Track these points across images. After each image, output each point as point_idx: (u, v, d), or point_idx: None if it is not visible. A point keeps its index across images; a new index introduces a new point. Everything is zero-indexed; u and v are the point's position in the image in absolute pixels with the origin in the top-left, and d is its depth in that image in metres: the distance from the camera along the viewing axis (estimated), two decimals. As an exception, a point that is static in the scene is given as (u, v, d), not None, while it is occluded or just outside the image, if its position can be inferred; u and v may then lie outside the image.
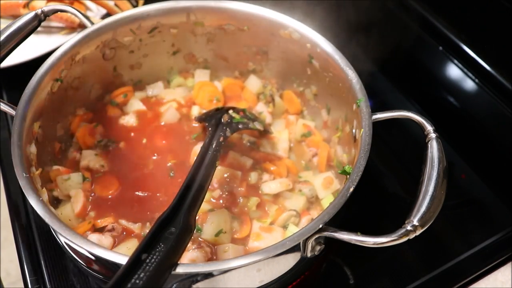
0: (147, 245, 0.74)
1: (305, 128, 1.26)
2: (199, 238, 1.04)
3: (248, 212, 1.10)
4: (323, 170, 1.19)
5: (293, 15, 1.19)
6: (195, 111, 1.29)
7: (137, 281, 0.68)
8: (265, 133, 1.23)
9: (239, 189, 1.12)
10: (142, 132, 1.24)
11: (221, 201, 1.11)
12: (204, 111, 1.28)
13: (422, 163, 0.91)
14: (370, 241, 0.81)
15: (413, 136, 1.34)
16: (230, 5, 1.21)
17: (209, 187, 1.10)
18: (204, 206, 1.08)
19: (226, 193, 1.11)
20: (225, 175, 1.13)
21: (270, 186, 1.13)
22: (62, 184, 1.11)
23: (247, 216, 1.09)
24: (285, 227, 1.08)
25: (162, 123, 1.26)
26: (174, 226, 0.80)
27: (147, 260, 0.71)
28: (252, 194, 1.13)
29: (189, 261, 0.98)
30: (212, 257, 1.01)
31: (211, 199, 1.11)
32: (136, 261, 0.71)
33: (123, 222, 1.06)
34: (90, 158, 1.17)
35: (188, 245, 0.99)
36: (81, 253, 0.89)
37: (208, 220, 1.05)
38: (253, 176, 1.15)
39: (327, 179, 1.14)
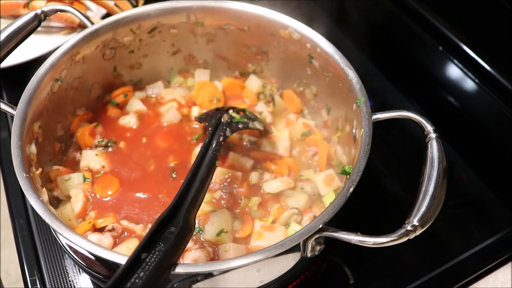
0: (146, 245, 0.74)
1: (305, 127, 1.26)
2: (201, 238, 1.04)
3: (249, 212, 1.10)
4: (323, 169, 1.19)
5: (293, 15, 1.19)
6: (195, 111, 1.29)
7: (137, 280, 0.68)
8: (265, 132, 1.23)
9: (240, 189, 1.12)
10: (143, 133, 1.24)
11: (222, 201, 1.10)
12: (204, 111, 1.28)
13: (422, 163, 0.91)
14: (370, 241, 0.81)
15: (413, 136, 1.34)
16: (230, 5, 1.21)
17: (211, 188, 1.11)
18: (206, 207, 1.08)
19: (227, 194, 1.11)
20: (226, 176, 1.13)
21: (272, 185, 1.13)
22: (62, 184, 1.11)
23: (249, 215, 1.09)
24: (287, 225, 1.08)
25: (165, 124, 1.26)
26: (174, 226, 0.80)
27: (147, 260, 0.72)
28: (254, 194, 1.13)
29: (191, 261, 0.98)
30: (214, 257, 1.01)
31: (213, 200, 1.11)
32: (135, 260, 0.71)
33: (125, 223, 1.06)
34: (90, 159, 1.17)
35: (191, 245, 0.99)
36: (81, 253, 0.89)
37: (210, 221, 1.05)
38: (254, 176, 1.15)
39: (328, 176, 1.14)
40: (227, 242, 1.03)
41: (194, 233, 1.03)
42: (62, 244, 0.97)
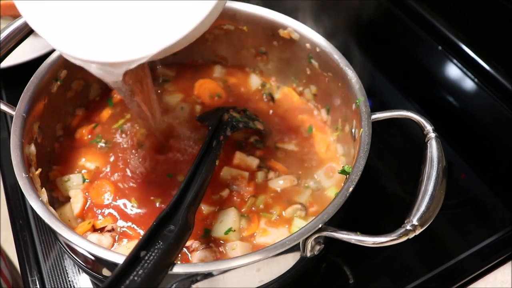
0: (146, 243, 0.74)
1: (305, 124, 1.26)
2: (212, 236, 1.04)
3: (256, 210, 1.10)
4: (323, 163, 1.19)
5: (292, 14, 1.19)
6: (197, 110, 1.29)
7: (135, 278, 0.68)
8: (265, 132, 1.23)
9: (248, 188, 1.12)
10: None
11: (230, 200, 1.10)
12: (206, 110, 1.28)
13: (421, 163, 0.91)
14: (369, 240, 0.81)
15: (413, 136, 1.34)
16: (229, 5, 1.21)
17: (218, 186, 1.11)
18: (214, 206, 1.09)
19: (235, 192, 1.12)
20: (233, 175, 1.14)
21: (276, 182, 1.13)
22: (62, 185, 1.11)
23: (255, 214, 1.09)
24: (291, 221, 1.08)
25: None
26: (173, 224, 0.80)
27: (146, 257, 0.72)
28: (260, 192, 1.12)
29: (198, 261, 0.98)
30: (221, 256, 1.01)
31: (221, 198, 1.10)
32: (134, 258, 0.71)
33: (122, 224, 1.06)
34: (87, 159, 1.16)
35: (197, 245, 0.99)
36: (81, 253, 0.89)
37: (218, 219, 1.06)
38: (260, 176, 1.15)
39: (329, 168, 1.15)
40: (235, 240, 1.03)
41: (202, 236, 1.04)
42: (62, 245, 0.97)
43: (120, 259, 0.79)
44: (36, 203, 0.87)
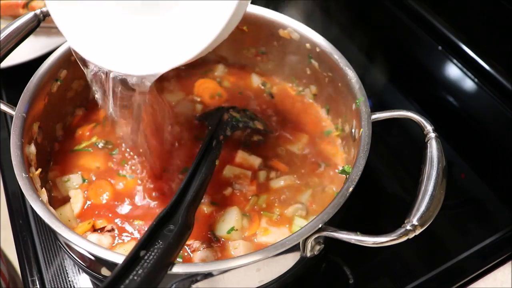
0: (145, 242, 0.74)
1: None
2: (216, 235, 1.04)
3: (257, 209, 1.10)
4: (324, 163, 1.19)
5: (291, 14, 1.19)
6: (197, 109, 1.29)
7: (135, 278, 0.68)
8: (265, 132, 1.23)
9: (251, 187, 1.12)
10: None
11: (232, 199, 1.10)
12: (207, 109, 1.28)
13: (421, 163, 0.91)
14: (369, 240, 0.81)
15: (413, 136, 1.34)
16: (229, 5, 1.21)
17: (221, 185, 1.11)
18: (216, 205, 1.09)
19: (238, 191, 1.12)
20: (236, 174, 1.14)
21: (277, 182, 1.13)
22: (61, 185, 1.11)
23: (256, 213, 1.09)
24: (292, 220, 1.08)
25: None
26: (173, 223, 0.80)
27: (145, 257, 0.72)
28: (262, 191, 1.12)
29: (199, 261, 0.98)
30: (223, 256, 1.01)
31: (223, 197, 1.10)
32: (134, 257, 0.71)
33: (120, 225, 1.06)
34: (87, 159, 1.16)
35: (198, 245, 0.99)
36: (81, 253, 0.89)
37: (220, 218, 1.06)
38: (261, 175, 1.15)
39: (329, 168, 1.16)
40: (237, 239, 1.03)
41: (214, 238, 1.04)
42: (62, 245, 0.97)
43: (120, 259, 0.79)
44: (36, 203, 0.87)
